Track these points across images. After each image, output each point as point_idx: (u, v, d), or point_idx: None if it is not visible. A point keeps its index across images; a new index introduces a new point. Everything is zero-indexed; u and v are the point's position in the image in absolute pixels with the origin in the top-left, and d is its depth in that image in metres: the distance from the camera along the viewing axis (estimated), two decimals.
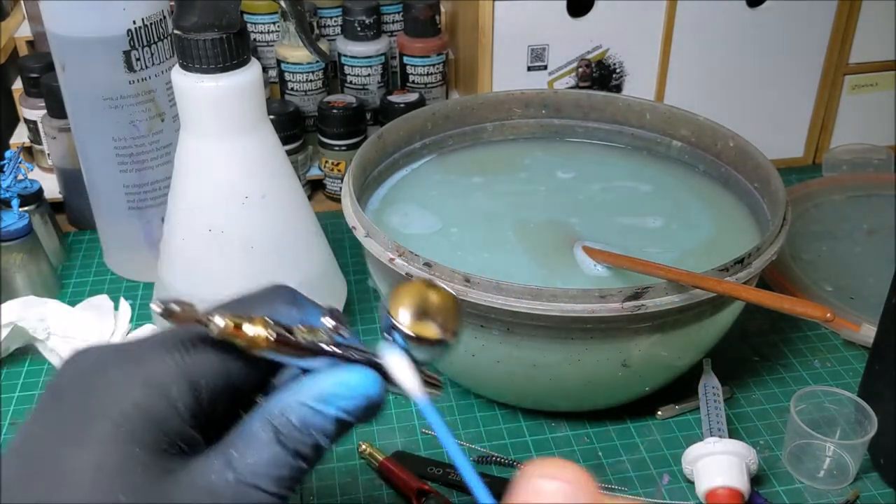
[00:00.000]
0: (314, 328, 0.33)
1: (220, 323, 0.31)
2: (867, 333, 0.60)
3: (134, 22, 0.62)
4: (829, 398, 0.56)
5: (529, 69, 0.80)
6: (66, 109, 0.68)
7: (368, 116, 0.83)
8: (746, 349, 0.65)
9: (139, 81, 0.64)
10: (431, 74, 0.83)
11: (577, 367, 0.53)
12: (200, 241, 0.58)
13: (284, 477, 0.31)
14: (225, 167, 0.57)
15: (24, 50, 0.85)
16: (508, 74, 0.79)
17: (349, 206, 0.58)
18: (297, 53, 0.80)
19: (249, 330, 0.31)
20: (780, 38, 0.81)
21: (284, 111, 0.78)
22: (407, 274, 0.52)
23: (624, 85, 0.82)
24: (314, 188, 0.84)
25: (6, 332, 0.62)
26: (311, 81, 0.82)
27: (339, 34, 0.83)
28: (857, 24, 0.81)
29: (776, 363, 0.64)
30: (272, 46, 0.83)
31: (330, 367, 0.33)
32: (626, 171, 0.69)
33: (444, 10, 0.85)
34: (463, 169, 0.69)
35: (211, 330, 0.31)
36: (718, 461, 0.51)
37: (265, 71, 0.72)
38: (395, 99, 0.80)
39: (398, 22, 0.85)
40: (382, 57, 0.82)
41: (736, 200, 0.65)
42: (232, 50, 0.53)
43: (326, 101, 0.80)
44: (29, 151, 0.83)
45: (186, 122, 0.56)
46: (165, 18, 0.64)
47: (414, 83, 0.83)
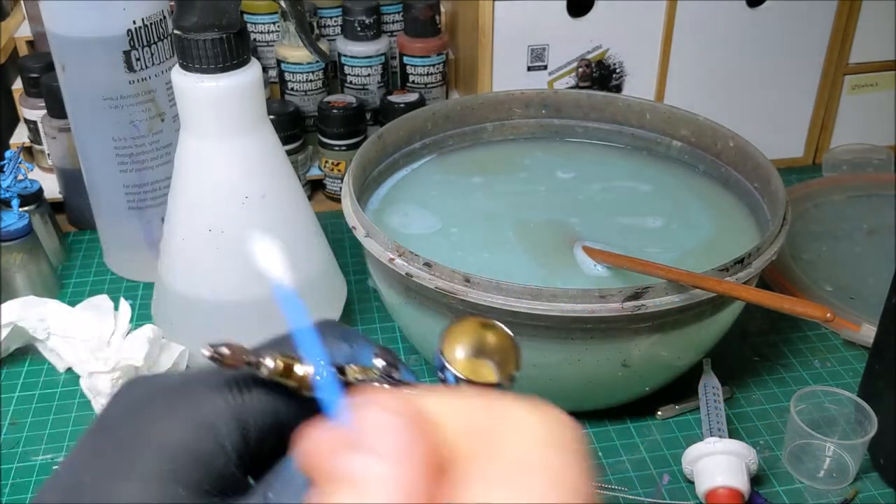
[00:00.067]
0: (366, 368, 0.33)
1: (270, 364, 0.30)
2: (867, 333, 0.60)
3: (134, 22, 0.62)
4: (829, 398, 0.56)
5: (529, 69, 0.80)
6: (66, 109, 0.68)
7: (368, 116, 0.82)
8: (746, 349, 0.65)
9: (139, 81, 0.64)
10: (431, 74, 0.83)
11: (577, 367, 0.53)
12: (200, 241, 0.58)
13: None
14: (225, 167, 0.57)
15: (24, 50, 0.85)
16: (508, 74, 0.79)
17: (349, 206, 0.58)
18: (297, 53, 0.80)
19: (301, 370, 0.31)
20: (780, 38, 0.81)
21: (284, 111, 0.78)
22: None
23: (624, 85, 0.82)
24: (314, 188, 0.84)
25: (6, 332, 0.62)
26: (311, 81, 0.82)
27: (339, 34, 0.83)
28: (857, 24, 0.81)
29: (776, 363, 0.64)
30: (272, 46, 0.83)
31: None
32: (626, 171, 0.69)
33: (444, 10, 0.85)
34: (463, 169, 0.69)
35: (261, 372, 0.30)
36: (718, 461, 0.51)
37: (265, 71, 0.72)
38: (395, 99, 0.80)
39: (398, 22, 0.85)
40: (382, 57, 0.82)
41: (736, 200, 0.65)
42: (232, 50, 0.53)
43: (326, 101, 0.80)
44: (29, 151, 0.83)
45: (186, 122, 0.56)
46: (165, 18, 0.64)
47: (414, 83, 0.83)
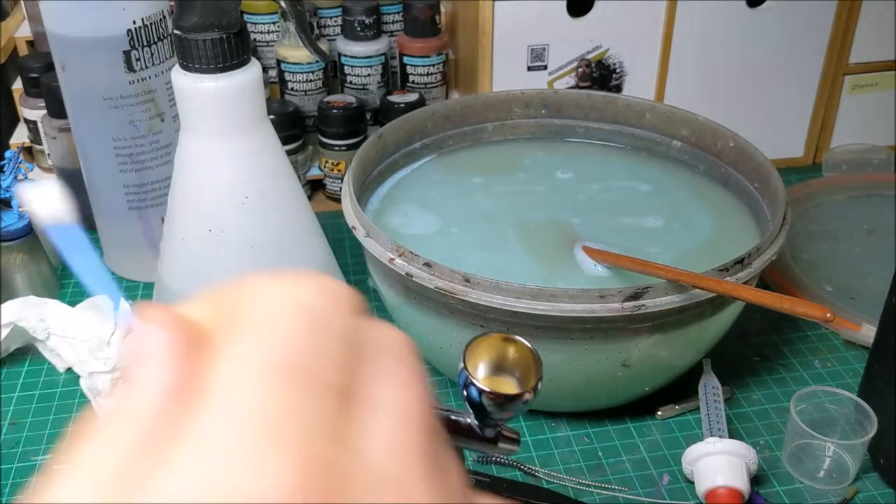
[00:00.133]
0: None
1: None
2: (867, 333, 0.60)
3: (134, 22, 0.62)
4: (829, 398, 0.56)
5: (529, 69, 0.80)
6: (66, 109, 0.68)
7: (368, 116, 0.82)
8: (746, 349, 0.65)
9: (139, 81, 0.64)
10: (431, 74, 0.83)
11: (577, 367, 0.53)
12: (200, 241, 0.58)
13: None
14: (225, 167, 0.57)
15: (24, 50, 0.85)
16: (508, 74, 0.79)
17: (349, 206, 0.58)
18: (297, 53, 0.80)
19: None
20: (780, 38, 0.81)
21: (284, 111, 0.78)
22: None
23: (624, 85, 0.82)
24: (314, 188, 0.84)
25: (6, 332, 0.62)
26: (311, 81, 0.82)
27: (339, 34, 0.83)
28: (857, 24, 0.81)
29: (776, 363, 0.64)
30: (272, 46, 0.83)
31: None
32: (626, 171, 0.69)
33: (444, 10, 0.85)
34: (463, 169, 0.69)
35: None
36: (718, 461, 0.51)
37: (265, 71, 0.72)
38: (395, 99, 0.80)
39: (398, 22, 0.85)
40: (382, 57, 0.82)
41: (736, 200, 0.65)
42: (232, 50, 0.53)
43: (326, 101, 0.80)
44: (29, 151, 0.83)
45: (186, 122, 0.56)
46: (165, 18, 0.64)
47: (414, 83, 0.83)
